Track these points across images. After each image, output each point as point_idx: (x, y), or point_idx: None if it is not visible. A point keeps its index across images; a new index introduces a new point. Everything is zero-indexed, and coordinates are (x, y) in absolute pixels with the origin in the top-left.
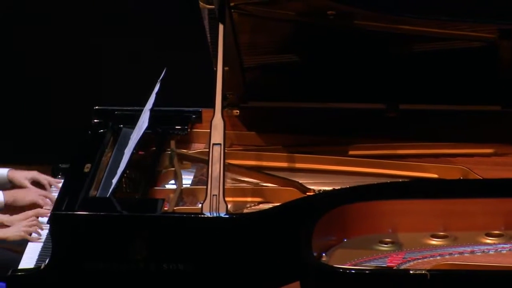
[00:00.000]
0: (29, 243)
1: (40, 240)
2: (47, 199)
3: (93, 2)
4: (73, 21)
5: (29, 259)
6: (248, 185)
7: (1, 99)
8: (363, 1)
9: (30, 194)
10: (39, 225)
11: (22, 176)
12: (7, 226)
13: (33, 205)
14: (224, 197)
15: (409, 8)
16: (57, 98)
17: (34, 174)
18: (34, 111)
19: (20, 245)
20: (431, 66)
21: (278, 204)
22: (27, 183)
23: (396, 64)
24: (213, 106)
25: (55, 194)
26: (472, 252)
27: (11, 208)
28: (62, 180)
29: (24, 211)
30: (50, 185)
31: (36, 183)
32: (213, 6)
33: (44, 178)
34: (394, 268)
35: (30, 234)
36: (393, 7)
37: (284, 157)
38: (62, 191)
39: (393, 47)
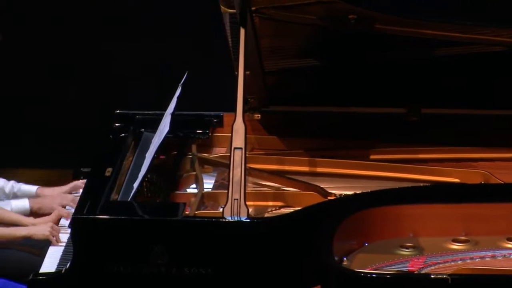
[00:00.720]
0: (50, 247)
1: (61, 244)
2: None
3: (116, 6)
4: (95, 24)
5: (50, 263)
6: (269, 189)
7: (24, 103)
8: (385, 5)
9: (55, 203)
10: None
11: (51, 194)
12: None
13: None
14: (245, 201)
15: (432, 12)
16: (79, 102)
17: (61, 192)
18: (56, 115)
19: (41, 248)
20: (452, 71)
21: (299, 208)
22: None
23: (417, 68)
24: (234, 110)
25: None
26: (493, 256)
27: (35, 215)
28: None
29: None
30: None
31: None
32: (234, 10)
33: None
34: (415, 272)
35: (54, 237)
36: (415, 11)
37: (305, 161)
38: (84, 195)
39: (415, 51)
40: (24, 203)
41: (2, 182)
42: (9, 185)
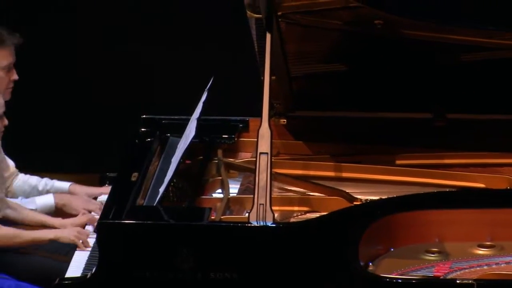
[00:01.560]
0: (76, 252)
1: (87, 249)
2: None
3: (144, 10)
4: (122, 28)
5: (76, 268)
6: (295, 194)
7: (51, 108)
8: (411, 11)
9: (81, 201)
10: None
11: (84, 192)
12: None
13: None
14: (271, 206)
15: (458, 18)
16: (105, 107)
17: (95, 192)
18: (82, 120)
19: (66, 255)
20: (478, 76)
21: (325, 213)
22: (87, 203)
23: (443, 73)
24: (260, 115)
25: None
26: None
27: (60, 213)
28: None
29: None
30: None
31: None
32: (260, 15)
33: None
34: (441, 277)
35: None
36: (442, 16)
37: (331, 166)
38: (109, 200)
39: (441, 56)
40: (49, 199)
41: (35, 180)
42: (42, 183)
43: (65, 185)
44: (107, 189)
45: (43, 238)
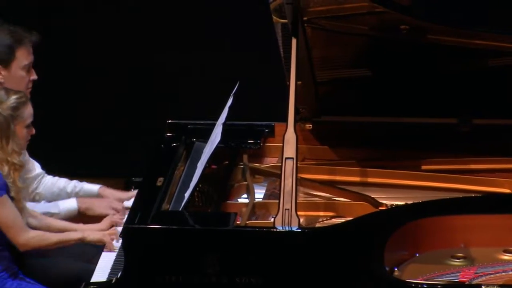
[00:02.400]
0: (102, 256)
1: (114, 250)
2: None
3: (171, 17)
4: (148, 34)
5: (101, 272)
6: (320, 199)
7: (77, 113)
8: (438, 15)
9: (104, 205)
10: (117, 236)
11: (113, 195)
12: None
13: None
14: (296, 211)
15: (485, 23)
16: (130, 112)
17: (123, 196)
18: (107, 124)
19: (92, 258)
20: (504, 81)
21: (350, 218)
22: (117, 205)
23: (469, 78)
24: (285, 120)
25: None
26: None
27: (82, 216)
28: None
29: (96, 220)
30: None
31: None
32: (286, 21)
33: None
34: (466, 283)
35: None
36: (468, 21)
37: (356, 172)
38: (135, 205)
39: (467, 61)
40: (72, 203)
41: (64, 182)
42: (71, 185)
43: (94, 187)
44: (135, 193)
45: (69, 239)
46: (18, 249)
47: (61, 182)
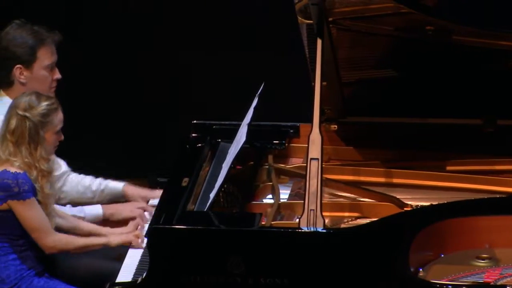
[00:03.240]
0: (127, 254)
1: (141, 247)
2: (144, 216)
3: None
4: (174, 35)
5: (126, 273)
6: (345, 200)
7: (102, 113)
8: (463, 16)
9: (128, 209)
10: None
11: (137, 194)
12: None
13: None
14: (321, 212)
15: (509, 23)
16: (156, 112)
17: (148, 194)
18: (132, 125)
19: (117, 258)
20: None
21: (375, 219)
22: (142, 202)
23: (494, 79)
24: (311, 120)
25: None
26: None
27: (108, 222)
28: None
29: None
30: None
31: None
32: (311, 21)
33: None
34: (491, 283)
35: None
36: (493, 22)
37: (381, 172)
38: (160, 205)
39: (492, 62)
40: (97, 209)
41: (89, 180)
42: (97, 183)
43: (119, 185)
44: (160, 192)
45: (95, 244)
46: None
47: (86, 180)
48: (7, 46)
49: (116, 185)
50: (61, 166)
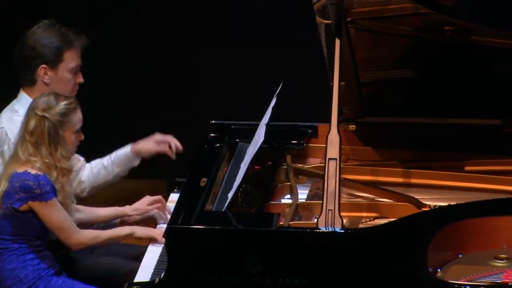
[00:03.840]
0: (147, 252)
1: (161, 241)
2: (162, 212)
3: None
4: (192, 35)
5: (144, 273)
6: (363, 200)
7: (120, 114)
8: (482, 16)
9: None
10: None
11: (146, 147)
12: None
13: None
14: (339, 212)
15: None
16: (174, 112)
17: (157, 137)
18: (151, 125)
19: (136, 257)
20: None
21: (393, 219)
22: (158, 148)
23: None
24: (329, 121)
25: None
26: None
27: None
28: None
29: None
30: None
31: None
32: (330, 21)
33: (170, 139)
34: (510, 284)
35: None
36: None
37: (399, 173)
38: (178, 205)
39: (511, 62)
40: (126, 148)
41: (98, 160)
42: (106, 158)
43: (126, 148)
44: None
45: (119, 235)
46: (71, 249)
47: (97, 161)
48: (34, 46)
49: (124, 150)
50: (79, 161)
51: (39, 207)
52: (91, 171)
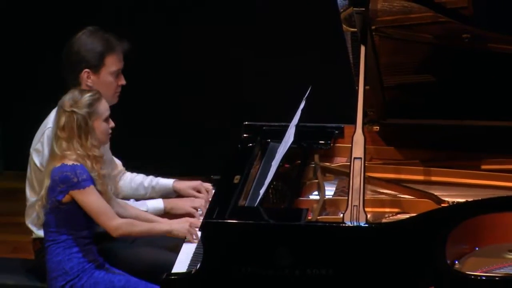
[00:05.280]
0: (182, 248)
1: (194, 241)
2: (200, 211)
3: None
4: (228, 41)
5: (181, 264)
6: (386, 197)
7: (158, 115)
8: (498, 25)
9: (188, 204)
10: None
11: (187, 186)
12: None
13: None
14: (364, 207)
15: None
16: (209, 113)
17: (197, 184)
18: (189, 126)
19: (173, 250)
20: None
21: (414, 214)
22: (193, 193)
23: None
24: (354, 122)
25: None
26: None
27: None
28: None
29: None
30: (208, 192)
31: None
32: (355, 29)
33: (205, 187)
34: None
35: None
36: None
37: (420, 171)
38: (213, 201)
39: None
40: (159, 203)
41: (141, 177)
42: (148, 180)
43: (169, 182)
44: (207, 184)
45: (158, 230)
46: (111, 235)
47: (139, 178)
48: (78, 51)
49: (167, 182)
50: (117, 165)
51: (78, 194)
52: (130, 184)
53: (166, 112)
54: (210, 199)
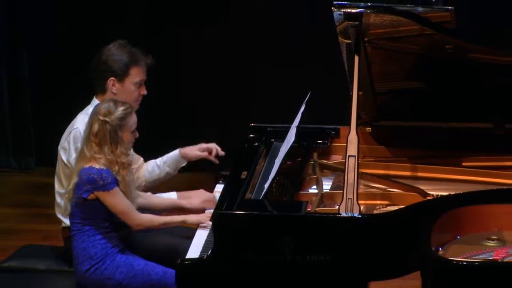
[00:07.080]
0: (196, 234)
1: (208, 228)
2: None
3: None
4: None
5: (195, 250)
6: (377, 190)
7: (173, 116)
8: (477, 37)
9: (200, 197)
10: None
11: (192, 149)
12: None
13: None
14: (357, 200)
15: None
16: (219, 116)
17: (201, 146)
18: (200, 128)
19: (188, 237)
20: None
21: (402, 206)
22: (200, 154)
23: (503, 89)
24: (349, 124)
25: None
26: None
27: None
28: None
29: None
30: (217, 154)
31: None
32: (350, 41)
33: (213, 146)
34: (499, 260)
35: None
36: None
37: (408, 167)
38: (223, 194)
39: (501, 75)
40: (172, 196)
41: (152, 160)
42: (159, 159)
43: (175, 152)
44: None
45: (173, 221)
46: (132, 229)
47: (151, 161)
48: (107, 60)
49: (173, 153)
50: (138, 160)
51: (103, 196)
52: (146, 169)
53: (181, 114)
54: (216, 152)
